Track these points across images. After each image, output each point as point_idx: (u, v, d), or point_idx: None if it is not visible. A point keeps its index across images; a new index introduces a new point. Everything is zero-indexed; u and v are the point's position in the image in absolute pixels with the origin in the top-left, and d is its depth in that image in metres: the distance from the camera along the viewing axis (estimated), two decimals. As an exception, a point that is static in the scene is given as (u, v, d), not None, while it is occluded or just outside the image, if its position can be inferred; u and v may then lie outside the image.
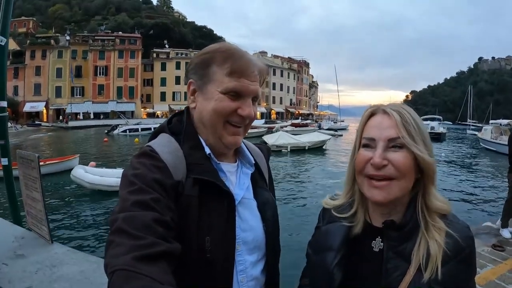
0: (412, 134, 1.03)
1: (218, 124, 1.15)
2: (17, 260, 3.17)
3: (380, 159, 1.02)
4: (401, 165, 1.01)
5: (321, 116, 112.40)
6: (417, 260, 0.99)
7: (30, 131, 48.53)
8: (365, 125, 1.12)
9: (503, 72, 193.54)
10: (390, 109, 1.08)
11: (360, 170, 1.09)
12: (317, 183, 16.99)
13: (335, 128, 62.85)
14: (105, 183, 13.30)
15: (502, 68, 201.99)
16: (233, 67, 1.13)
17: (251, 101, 1.17)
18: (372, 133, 1.07)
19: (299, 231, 9.51)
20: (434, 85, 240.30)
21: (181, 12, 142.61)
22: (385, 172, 1.03)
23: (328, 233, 1.20)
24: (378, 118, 1.09)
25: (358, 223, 1.16)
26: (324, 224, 1.26)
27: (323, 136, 32.56)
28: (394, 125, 1.04)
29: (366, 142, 1.08)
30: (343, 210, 1.21)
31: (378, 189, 1.04)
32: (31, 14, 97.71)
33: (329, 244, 1.16)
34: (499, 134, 30.72)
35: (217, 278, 1.07)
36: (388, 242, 1.06)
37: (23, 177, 3.74)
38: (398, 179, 1.02)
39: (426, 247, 0.99)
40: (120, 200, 0.95)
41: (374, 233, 1.13)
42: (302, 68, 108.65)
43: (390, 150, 1.03)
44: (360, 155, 1.09)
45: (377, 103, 1.08)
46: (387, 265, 1.04)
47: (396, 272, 1.02)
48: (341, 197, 1.26)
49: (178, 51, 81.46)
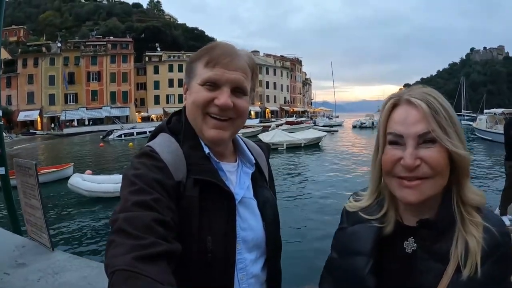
0: (443, 126, 0.91)
1: (197, 117, 1.15)
2: (19, 269, 3.16)
3: (412, 160, 0.91)
4: (435, 163, 0.91)
5: (315, 113, 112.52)
6: (455, 259, 0.91)
7: (25, 140, 48.32)
8: (388, 118, 1.00)
9: (495, 62, 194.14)
10: (415, 98, 0.95)
11: (389, 170, 0.98)
12: (314, 179, 17.05)
13: (330, 124, 63.07)
14: (102, 190, 13.29)
15: (494, 58, 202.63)
16: (209, 58, 1.13)
17: (230, 91, 1.14)
18: (399, 128, 0.95)
19: (297, 228, 9.53)
20: (427, 78, 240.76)
21: (172, 15, 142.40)
22: (418, 173, 0.92)
23: (356, 234, 1.10)
24: (402, 110, 0.97)
25: (389, 223, 1.05)
26: (350, 225, 1.15)
27: (318, 133, 32.69)
28: (423, 118, 0.92)
29: (393, 139, 0.97)
30: (372, 212, 1.10)
31: (410, 189, 0.93)
32: (22, 22, 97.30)
33: (358, 247, 1.06)
34: (494, 123, 30.72)
35: (218, 277, 1.07)
36: (422, 242, 0.98)
37: (21, 186, 3.73)
38: (432, 177, 0.92)
39: (464, 244, 0.91)
40: (121, 200, 0.95)
41: (406, 233, 1.03)
42: (295, 66, 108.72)
43: (422, 147, 0.92)
44: (388, 154, 0.98)
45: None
46: (421, 267, 0.96)
47: (430, 274, 0.94)
48: (367, 198, 1.14)
49: (170, 53, 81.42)
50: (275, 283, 1.30)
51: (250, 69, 1.19)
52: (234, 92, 1.14)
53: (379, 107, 1.08)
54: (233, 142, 1.31)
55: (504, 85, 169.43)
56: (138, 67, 77.82)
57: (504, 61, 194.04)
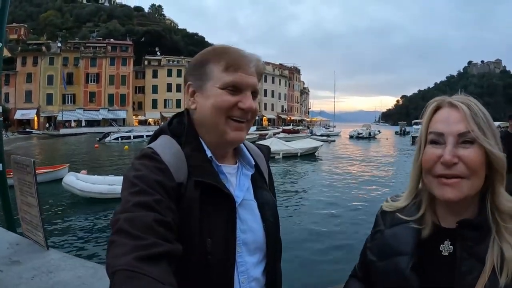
0: (482, 128, 0.96)
1: (219, 120, 1.14)
2: (13, 267, 3.15)
3: (451, 156, 0.94)
4: (472, 163, 0.94)
5: (312, 123, 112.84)
6: (491, 262, 0.92)
7: (21, 139, 48.12)
8: (431, 119, 1.04)
9: (492, 75, 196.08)
10: (457, 101, 1.01)
11: (429, 169, 1.01)
12: (310, 189, 17.10)
13: (327, 134, 63.24)
14: (96, 191, 13.25)
15: (491, 71, 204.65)
16: (228, 62, 1.13)
17: (251, 95, 1.17)
18: (440, 127, 1.00)
19: (292, 234, 9.52)
20: (425, 90, 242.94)
21: (172, 20, 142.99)
22: (456, 171, 0.95)
23: (396, 236, 1.12)
24: (445, 111, 1.02)
25: (427, 225, 1.07)
26: (388, 227, 1.17)
27: (315, 143, 32.74)
28: (463, 118, 0.97)
29: (434, 138, 1.01)
30: (410, 213, 1.12)
31: (450, 187, 0.96)
32: (23, 20, 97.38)
33: (400, 247, 1.08)
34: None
35: (218, 280, 1.07)
36: (463, 243, 0.98)
37: (18, 183, 3.72)
38: (468, 177, 0.95)
39: (500, 250, 0.92)
40: (122, 201, 0.95)
41: (442, 235, 1.05)
42: (294, 75, 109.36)
43: (460, 147, 0.96)
44: (428, 152, 1.01)
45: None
46: (462, 268, 0.96)
47: (471, 274, 0.94)
48: (405, 198, 1.17)
49: (169, 58, 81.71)
50: (275, 287, 1.29)
51: (260, 72, 1.22)
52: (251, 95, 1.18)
53: (376, 118, 1.11)
54: None
55: (501, 98, 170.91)
56: (137, 71, 78.02)
57: (501, 75, 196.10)
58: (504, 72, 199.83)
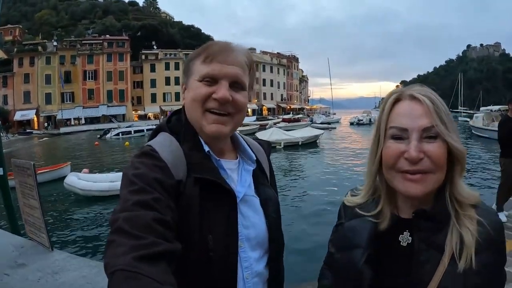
0: (445, 122, 0.95)
1: (197, 113, 1.15)
2: (18, 270, 3.18)
3: (417, 152, 0.93)
4: (437, 158, 0.94)
5: (312, 110, 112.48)
6: (450, 249, 0.93)
7: (22, 140, 48.12)
8: (390, 112, 1.02)
9: (491, 59, 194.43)
10: (419, 94, 0.98)
11: (392, 165, 0.99)
12: (312, 178, 17.08)
13: (328, 121, 63.16)
14: (97, 189, 13.31)
15: (491, 55, 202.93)
16: (207, 54, 1.14)
17: (229, 85, 1.14)
18: (403, 122, 0.97)
19: (296, 226, 9.54)
20: (424, 75, 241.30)
21: (168, 13, 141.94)
22: (421, 166, 0.94)
23: (353, 229, 1.13)
24: (406, 104, 1.00)
25: (385, 218, 1.08)
26: (347, 220, 1.18)
27: (316, 131, 32.74)
28: (427, 113, 0.95)
29: (396, 133, 0.98)
30: (369, 209, 1.12)
31: (414, 183, 0.96)
32: (17, 21, 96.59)
33: (355, 241, 1.09)
34: (491, 121, 30.39)
35: (221, 276, 1.06)
36: (419, 233, 0.99)
37: (19, 186, 3.74)
38: (434, 172, 0.95)
39: (459, 236, 0.93)
40: (121, 200, 0.94)
41: (401, 226, 1.05)
42: (292, 63, 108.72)
43: (424, 141, 0.95)
44: (390, 148, 0.99)
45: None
46: (419, 258, 0.97)
47: (428, 263, 0.95)
48: (363, 194, 1.17)
49: (166, 51, 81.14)
50: (278, 282, 1.30)
51: (247, 64, 1.20)
52: (232, 87, 1.14)
53: (377, 104, 1.09)
54: (232, 140, 1.32)
55: (500, 82, 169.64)
56: (134, 66, 77.56)
57: (500, 58, 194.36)
58: (503, 56, 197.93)
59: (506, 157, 6.36)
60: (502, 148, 6.42)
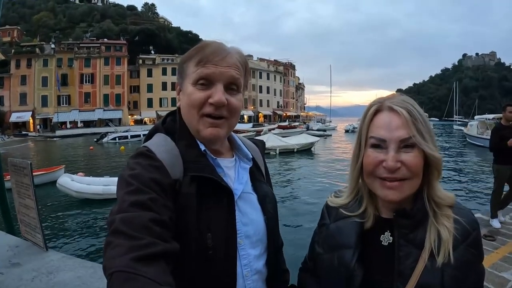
0: (422, 132, 1.01)
1: (193, 118, 1.15)
2: (13, 269, 3.16)
3: (394, 162, 0.99)
4: (414, 167, 1.00)
5: (308, 118, 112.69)
6: (429, 245, 1.00)
7: (17, 142, 47.90)
8: (371, 123, 1.07)
9: (487, 68, 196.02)
10: (397, 106, 1.03)
11: (371, 172, 1.06)
12: (306, 184, 17.07)
13: (324, 129, 63.33)
14: (91, 191, 13.21)
15: (486, 64, 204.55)
16: (200, 56, 1.13)
17: (224, 88, 1.14)
18: (382, 133, 1.03)
19: (291, 232, 9.56)
20: (420, 83, 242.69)
21: (166, 18, 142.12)
22: (398, 175, 1.00)
23: (340, 230, 1.18)
24: (385, 116, 1.05)
25: (369, 218, 1.14)
26: (332, 221, 1.23)
27: (311, 138, 32.66)
28: (404, 124, 1.01)
29: (376, 143, 1.04)
30: (353, 209, 1.19)
31: (392, 190, 1.02)
32: (16, 22, 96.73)
33: (344, 241, 1.14)
34: (485, 129, 30.40)
35: (221, 274, 1.07)
36: (400, 230, 1.05)
37: (15, 185, 3.74)
38: (410, 179, 1.01)
39: (437, 233, 1.00)
40: (118, 201, 0.94)
41: (383, 226, 1.11)
42: (288, 71, 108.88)
43: (402, 151, 1.01)
44: (370, 156, 1.05)
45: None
46: (400, 253, 1.03)
47: (408, 259, 1.01)
48: (347, 195, 1.23)
49: (164, 57, 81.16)
50: (277, 280, 1.31)
51: (241, 65, 1.19)
52: (227, 89, 1.15)
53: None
54: (228, 139, 1.33)
55: (496, 91, 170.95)
56: (131, 70, 77.52)
57: (495, 67, 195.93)
58: (498, 65, 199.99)
59: (498, 164, 6.44)
60: (494, 155, 6.51)
